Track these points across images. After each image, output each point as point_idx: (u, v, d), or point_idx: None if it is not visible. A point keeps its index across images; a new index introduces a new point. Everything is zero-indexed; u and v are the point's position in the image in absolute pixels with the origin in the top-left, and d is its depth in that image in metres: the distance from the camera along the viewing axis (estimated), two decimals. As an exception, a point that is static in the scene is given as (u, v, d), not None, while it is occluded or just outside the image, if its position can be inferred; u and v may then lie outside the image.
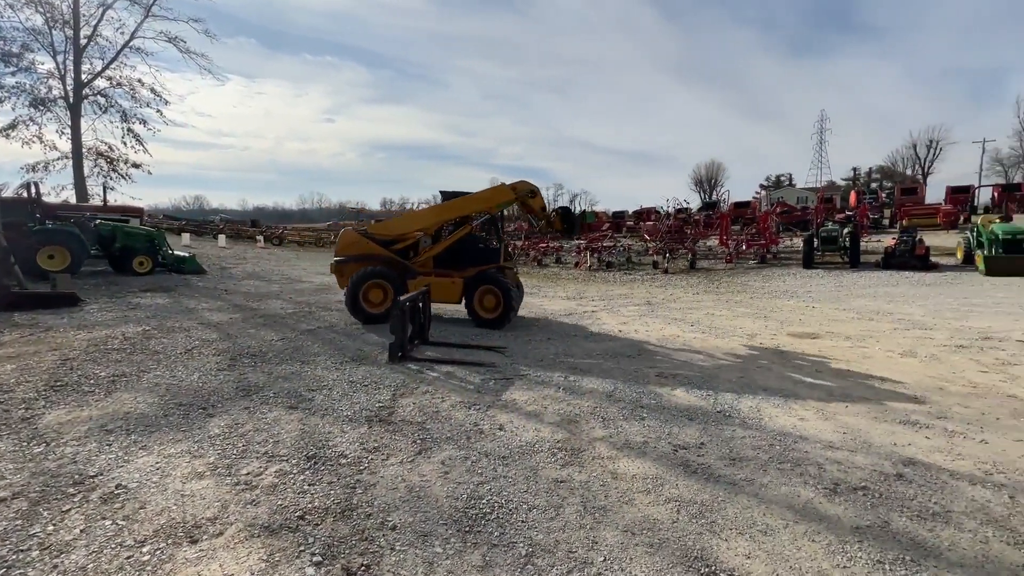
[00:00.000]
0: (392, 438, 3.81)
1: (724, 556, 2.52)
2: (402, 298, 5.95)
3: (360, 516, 2.79)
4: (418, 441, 3.77)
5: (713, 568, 2.43)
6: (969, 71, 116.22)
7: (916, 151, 61.91)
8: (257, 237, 28.84)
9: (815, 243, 17.66)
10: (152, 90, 28.90)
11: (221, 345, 6.30)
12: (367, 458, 3.46)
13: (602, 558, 2.49)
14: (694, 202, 43.29)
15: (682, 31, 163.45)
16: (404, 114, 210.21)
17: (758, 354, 6.68)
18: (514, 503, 2.96)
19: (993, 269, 13.96)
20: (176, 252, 13.88)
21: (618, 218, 41.49)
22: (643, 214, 37.82)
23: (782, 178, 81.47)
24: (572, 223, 8.46)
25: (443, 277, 8.01)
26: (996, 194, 34.07)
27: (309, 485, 3.09)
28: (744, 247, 20.17)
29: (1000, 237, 14.45)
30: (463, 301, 7.99)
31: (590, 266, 18.99)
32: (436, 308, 8.55)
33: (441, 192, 8.84)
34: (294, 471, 3.25)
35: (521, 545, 2.57)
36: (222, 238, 26.03)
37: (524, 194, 8.02)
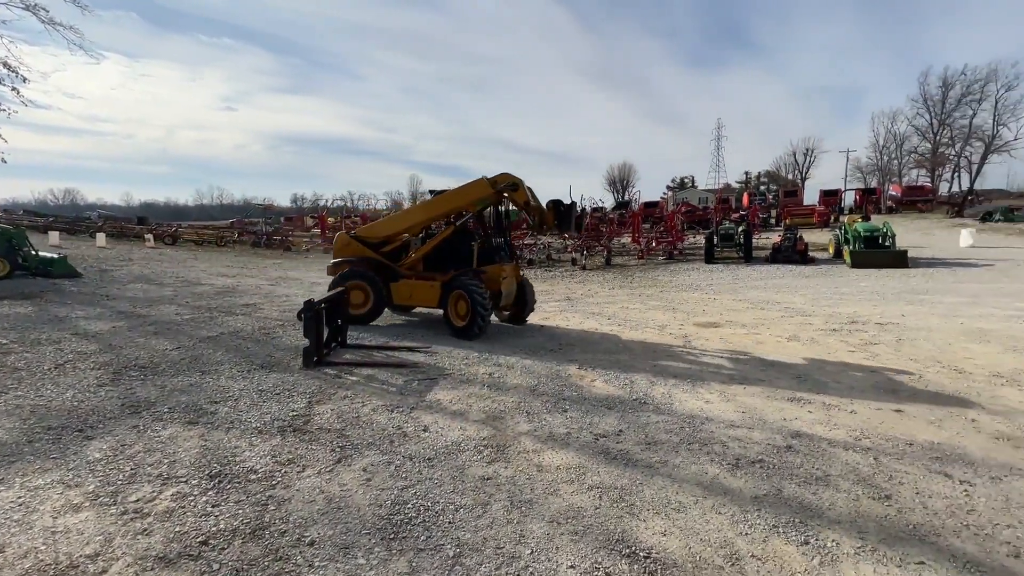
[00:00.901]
0: (308, 448, 3.59)
1: (643, 536, 2.67)
2: (316, 299, 5.63)
3: (273, 534, 2.59)
4: (337, 449, 3.58)
5: (633, 549, 2.56)
6: (837, 89, 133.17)
7: (796, 158, 69.68)
8: (146, 236, 25.83)
9: (715, 240, 19.26)
10: (5, 64, 24.80)
11: (101, 358, 5.56)
12: (280, 471, 3.23)
13: (529, 551, 2.52)
14: (608, 202, 45.33)
15: (598, 38, 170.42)
16: (316, 106, 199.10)
17: (668, 343, 7.15)
18: (440, 504, 2.91)
19: (857, 262, 16.10)
20: (42, 253, 12.02)
21: (538, 216, 42.30)
22: (561, 213, 38.89)
23: (686, 180, 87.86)
24: (567, 218, 7.41)
25: (423, 280, 7.63)
26: (858, 197, 39.37)
27: (213, 507, 2.82)
28: (654, 244, 21.52)
29: (861, 235, 16.80)
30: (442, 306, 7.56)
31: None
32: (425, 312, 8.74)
33: (431, 192, 8.37)
34: (195, 493, 2.95)
35: (448, 546, 2.54)
36: (101, 237, 23.01)
37: (505, 188, 7.29)
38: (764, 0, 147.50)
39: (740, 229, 19.73)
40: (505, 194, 7.30)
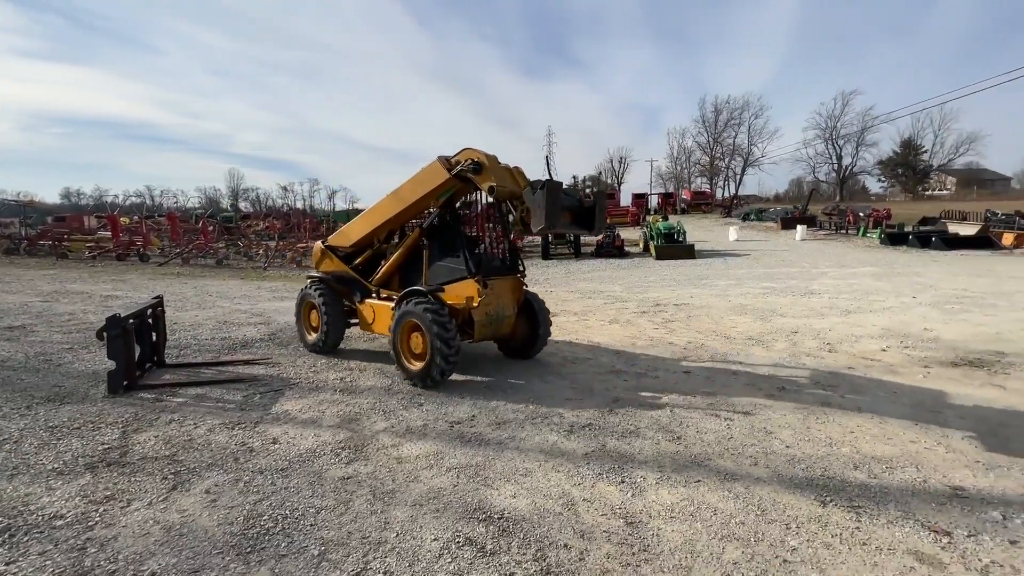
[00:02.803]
0: (131, 481, 3.17)
1: (496, 502, 3.02)
2: (124, 314, 4.85)
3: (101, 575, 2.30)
4: (170, 476, 3.24)
5: (489, 513, 2.90)
6: (643, 106, 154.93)
7: (612, 164, 79.57)
8: None
9: (549, 238, 21.15)
10: None
11: None
12: (97, 511, 2.83)
13: (395, 534, 2.69)
14: (453, 202, 45.94)
15: (435, 37, 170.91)
16: (92, 79, 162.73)
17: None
18: (300, 510, 2.88)
19: (660, 255, 19.30)
20: None
21: (381, 216, 41.14)
22: (407, 212, 38.46)
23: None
24: (569, 212, 5.21)
25: (384, 301, 5.93)
26: (660, 200, 46.89)
27: (5, 565, 2.37)
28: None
29: (662, 232, 20.26)
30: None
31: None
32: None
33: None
34: (-26, 555, 2.43)
35: (313, 547, 2.56)
36: None
37: (464, 171, 5.02)
38: (582, 21, 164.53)
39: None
40: (469, 178, 5.04)
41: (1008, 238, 20.20)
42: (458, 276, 5.39)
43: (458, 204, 5.82)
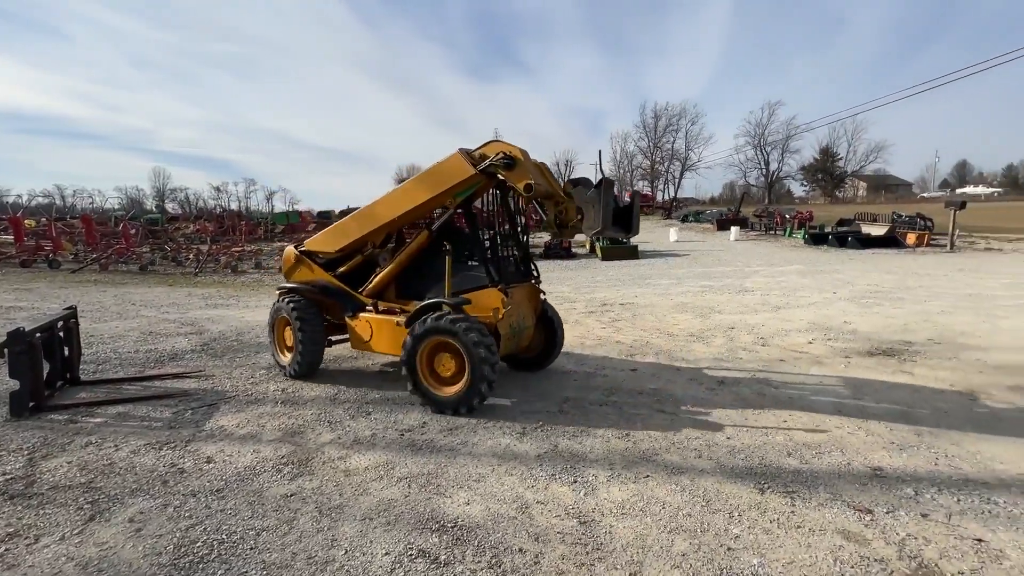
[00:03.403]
0: (40, 514, 2.85)
1: (450, 509, 2.97)
2: (30, 327, 4.36)
3: (0, 627, 2.05)
4: (86, 506, 2.94)
5: (442, 523, 2.84)
6: (587, 110, 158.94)
7: (559, 168, 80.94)
8: None
9: (498, 240, 21.21)
10: None
11: None
12: (-3, 551, 2.51)
13: (343, 551, 2.57)
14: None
15: (378, 36, 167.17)
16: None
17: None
18: (239, 533, 2.70)
19: (605, 256, 19.85)
20: None
21: (324, 218, 39.76)
22: (350, 213, 37.36)
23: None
24: (621, 213, 4.84)
25: (385, 316, 5.07)
26: (605, 202, 48.23)
27: None
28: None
29: (608, 233, 20.91)
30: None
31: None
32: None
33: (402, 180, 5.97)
34: None
35: (254, 572, 2.40)
36: None
37: (494, 166, 4.40)
38: (527, 24, 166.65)
39: (519, 229, 22.19)
40: (500, 175, 4.45)
41: (911, 238, 22.36)
42: (479, 284, 4.77)
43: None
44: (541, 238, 24.29)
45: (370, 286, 5.31)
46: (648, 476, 3.38)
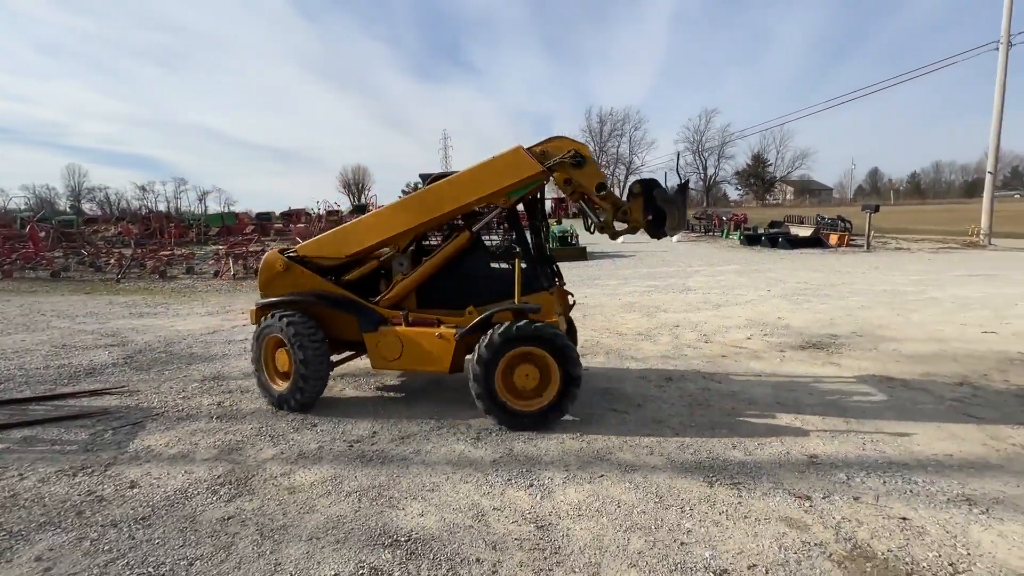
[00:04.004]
0: (-77, 559, 2.49)
1: (403, 522, 2.86)
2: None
3: None
4: (-17, 546, 2.60)
5: (395, 537, 2.73)
6: (535, 114, 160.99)
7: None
8: None
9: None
10: None
11: None
12: None
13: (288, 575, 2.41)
14: (344, 204, 43.94)
15: (320, 33, 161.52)
16: None
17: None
18: (168, 565, 2.47)
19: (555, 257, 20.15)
20: None
21: (264, 220, 37.91)
22: (292, 216, 35.88)
23: (419, 185, 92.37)
24: (672, 210, 4.39)
25: (422, 326, 4.53)
26: (554, 205, 48.94)
27: None
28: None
29: (557, 235, 21.19)
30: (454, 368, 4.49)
31: (234, 275, 16.72)
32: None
33: (421, 177, 5.39)
34: None
35: (185, 607, 2.20)
36: None
37: (563, 163, 4.22)
38: (474, 26, 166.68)
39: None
40: (555, 173, 4.28)
41: (833, 238, 24.18)
42: (532, 288, 4.54)
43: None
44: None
45: (389, 295, 4.68)
46: (603, 476, 3.40)
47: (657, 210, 4.33)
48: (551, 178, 4.36)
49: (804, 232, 24.89)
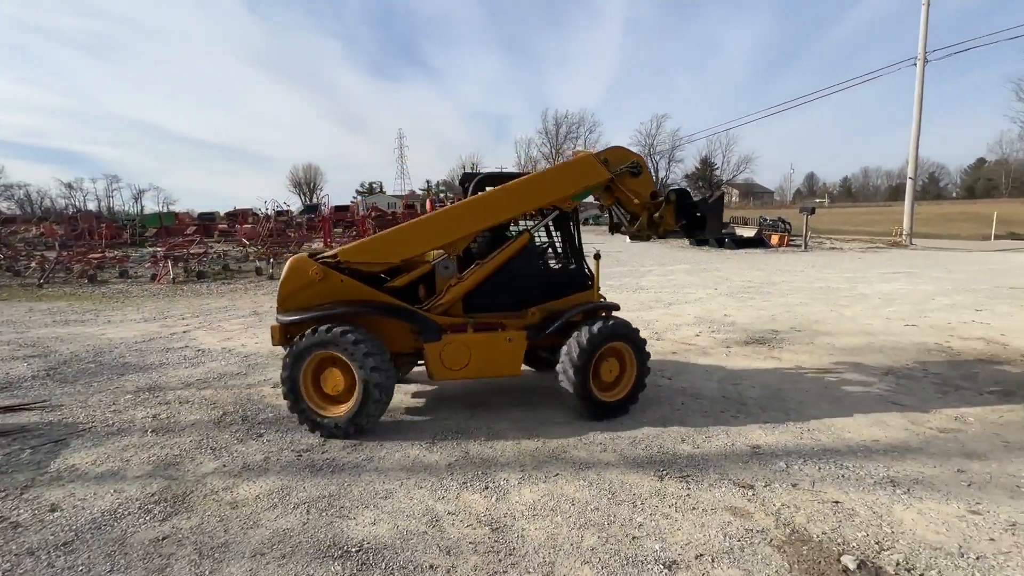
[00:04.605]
0: None
1: (354, 532, 2.77)
2: None
3: None
4: None
5: (345, 548, 2.64)
6: (492, 115, 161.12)
7: (465, 170, 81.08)
8: None
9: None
10: None
11: None
12: None
13: (229, 596, 2.28)
14: (295, 204, 42.43)
15: (268, 26, 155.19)
16: None
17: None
18: (93, 593, 2.29)
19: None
20: None
21: (207, 220, 36.01)
22: (239, 216, 34.27)
23: (375, 185, 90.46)
24: (698, 217, 4.88)
25: (485, 331, 4.40)
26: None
27: None
28: (348, 249, 21.46)
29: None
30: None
31: (174, 278, 15.76)
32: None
33: (468, 175, 5.26)
34: None
35: (112, 637, 2.04)
36: None
37: (624, 172, 4.61)
38: (430, 26, 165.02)
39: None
40: (617, 181, 4.65)
41: (775, 239, 25.53)
42: (585, 286, 4.84)
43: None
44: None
45: (442, 300, 4.40)
46: (558, 474, 3.44)
47: (691, 216, 4.86)
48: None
49: (748, 233, 26.12)
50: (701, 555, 2.58)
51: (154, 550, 2.60)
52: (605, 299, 4.95)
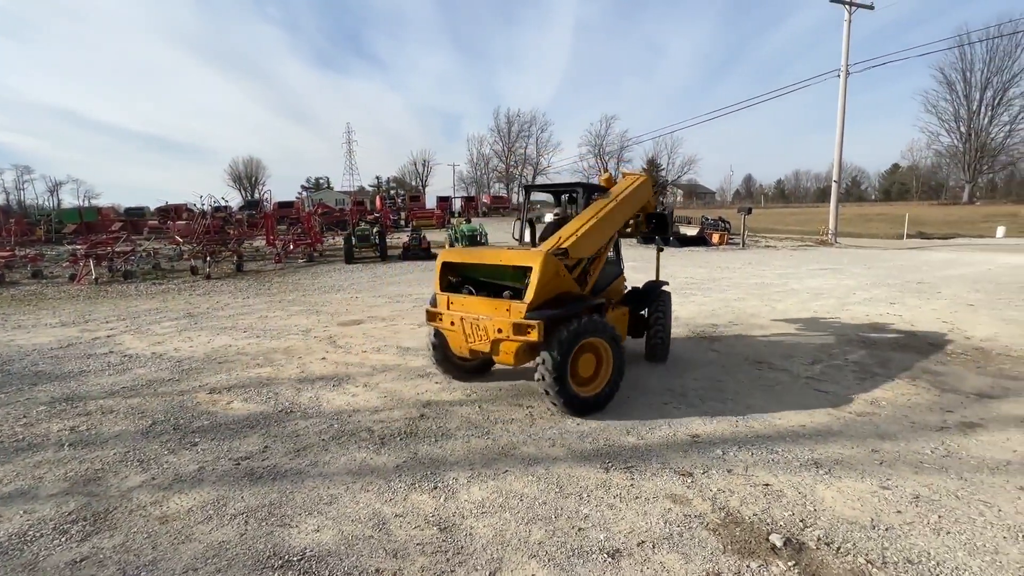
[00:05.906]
0: None
1: (296, 541, 2.68)
2: None
3: None
4: None
5: (287, 558, 2.55)
6: (444, 111, 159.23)
7: (416, 167, 79.85)
8: None
9: (353, 241, 20.06)
10: None
11: None
12: None
13: (157, 616, 2.15)
14: (234, 200, 40.28)
15: (201, 8, 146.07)
16: None
17: (314, 347, 7.12)
18: (-3, 625, 2.09)
19: (467, 256, 20.14)
20: None
21: (135, 216, 33.54)
22: (172, 212, 32.09)
23: (321, 180, 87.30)
24: (661, 221, 6.30)
25: (614, 308, 5.64)
26: (463, 203, 48.84)
27: None
28: (292, 247, 20.56)
29: (466, 234, 21.07)
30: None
31: (97, 279, 14.56)
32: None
33: (526, 188, 6.92)
34: None
35: (20, 671, 1.87)
36: None
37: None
38: (378, 17, 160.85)
39: (375, 230, 21.25)
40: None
41: (715, 237, 26.81)
42: (620, 273, 6.29)
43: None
44: (399, 238, 23.65)
45: (589, 284, 5.09)
46: (507, 471, 3.46)
47: (658, 220, 6.22)
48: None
49: (691, 232, 27.29)
50: (643, 542, 2.68)
51: (71, 573, 2.41)
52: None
